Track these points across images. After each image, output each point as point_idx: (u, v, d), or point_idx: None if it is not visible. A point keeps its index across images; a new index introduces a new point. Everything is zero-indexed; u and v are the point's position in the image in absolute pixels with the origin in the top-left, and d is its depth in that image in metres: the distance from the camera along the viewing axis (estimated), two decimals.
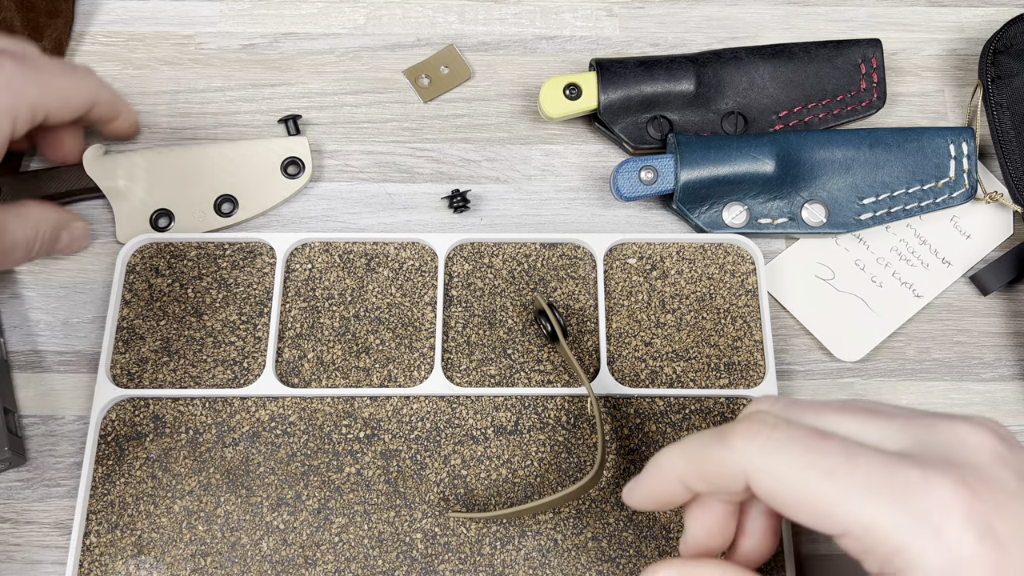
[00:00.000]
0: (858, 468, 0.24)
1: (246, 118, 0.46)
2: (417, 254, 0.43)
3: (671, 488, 0.28)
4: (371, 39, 0.48)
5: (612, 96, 0.44)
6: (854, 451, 0.24)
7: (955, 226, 0.44)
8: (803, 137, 0.43)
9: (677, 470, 0.28)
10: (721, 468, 0.26)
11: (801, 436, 0.25)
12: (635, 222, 0.45)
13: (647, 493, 0.29)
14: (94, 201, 0.44)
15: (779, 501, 0.25)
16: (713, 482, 0.27)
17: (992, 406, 0.41)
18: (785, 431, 0.25)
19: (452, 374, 0.40)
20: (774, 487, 0.25)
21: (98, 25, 0.48)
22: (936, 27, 0.49)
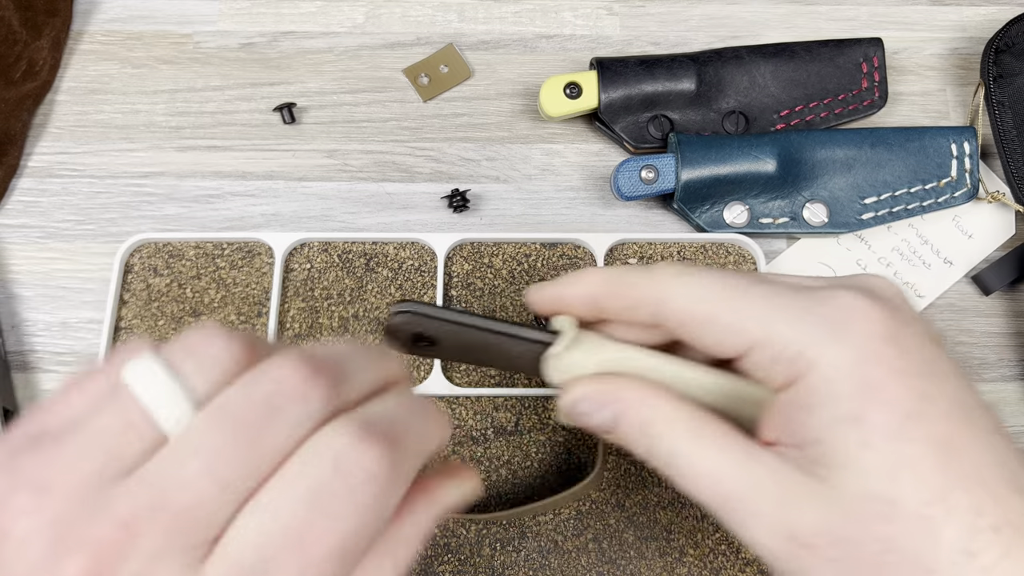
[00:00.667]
0: (768, 288, 0.25)
1: (245, 117, 0.46)
2: (416, 254, 0.42)
3: (578, 299, 0.28)
4: (370, 38, 0.48)
5: (613, 95, 0.44)
6: (765, 279, 0.26)
7: (957, 226, 0.44)
8: (804, 136, 0.43)
9: (594, 283, 0.28)
10: (637, 290, 0.27)
11: (717, 269, 0.27)
12: (636, 222, 0.44)
13: (553, 294, 0.29)
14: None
15: (689, 319, 0.26)
16: (627, 304, 0.27)
17: (994, 406, 0.41)
18: (704, 267, 0.27)
19: (452, 374, 0.40)
20: (685, 304, 0.26)
21: (96, 24, 0.48)
22: (938, 26, 0.49)
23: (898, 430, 0.22)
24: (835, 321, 0.24)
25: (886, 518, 0.22)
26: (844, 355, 0.23)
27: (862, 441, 0.23)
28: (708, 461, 0.25)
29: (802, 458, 0.24)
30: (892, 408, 0.23)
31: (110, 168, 0.45)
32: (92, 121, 0.45)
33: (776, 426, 0.25)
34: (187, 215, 0.44)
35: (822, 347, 0.23)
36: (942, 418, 0.23)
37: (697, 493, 0.25)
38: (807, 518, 0.23)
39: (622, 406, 0.27)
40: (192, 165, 0.45)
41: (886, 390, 0.23)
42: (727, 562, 0.37)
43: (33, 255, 0.43)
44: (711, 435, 0.25)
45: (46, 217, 0.43)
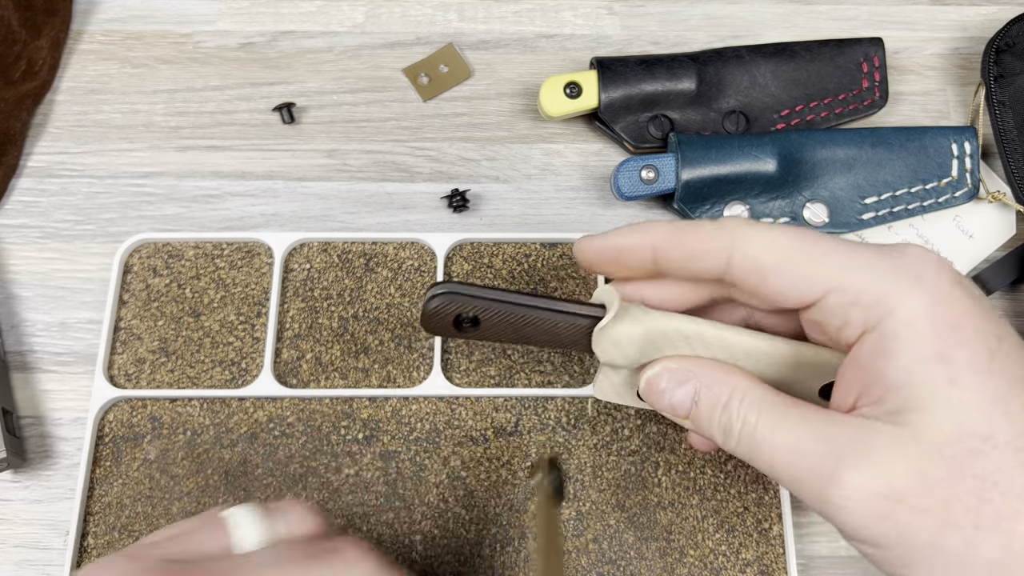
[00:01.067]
0: (838, 242, 0.25)
1: (244, 117, 0.46)
2: (416, 254, 0.42)
3: (639, 250, 0.27)
4: (370, 37, 0.48)
5: (613, 95, 0.44)
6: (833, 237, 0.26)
7: (957, 226, 0.44)
8: (805, 136, 0.43)
9: (657, 234, 0.27)
10: (707, 241, 0.26)
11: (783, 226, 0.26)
12: (636, 221, 0.44)
13: (609, 244, 0.28)
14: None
15: (761, 268, 0.25)
16: (692, 253, 0.27)
17: None
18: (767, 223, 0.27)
19: (451, 375, 0.40)
20: (760, 251, 0.25)
21: (96, 23, 0.48)
22: (938, 26, 0.49)
23: (985, 365, 0.23)
24: (910, 269, 0.24)
25: (982, 453, 0.22)
26: (923, 299, 0.23)
27: (951, 378, 0.23)
28: (788, 434, 0.24)
29: (884, 411, 0.23)
30: (976, 346, 0.23)
31: (109, 168, 0.44)
32: (91, 121, 0.45)
33: (853, 382, 0.24)
34: (186, 215, 0.44)
35: (901, 292, 0.24)
36: (1016, 356, 0.23)
37: (779, 471, 0.25)
38: (897, 469, 0.23)
39: (703, 383, 0.27)
40: (191, 165, 0.45)
41: (967, 330, 0.23)
42: (727, 563, 0.37)
43: (32, 255, 0.43)
44: (790, 408, 0.25)
45: (45, 217, 0.43)
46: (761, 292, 0.26)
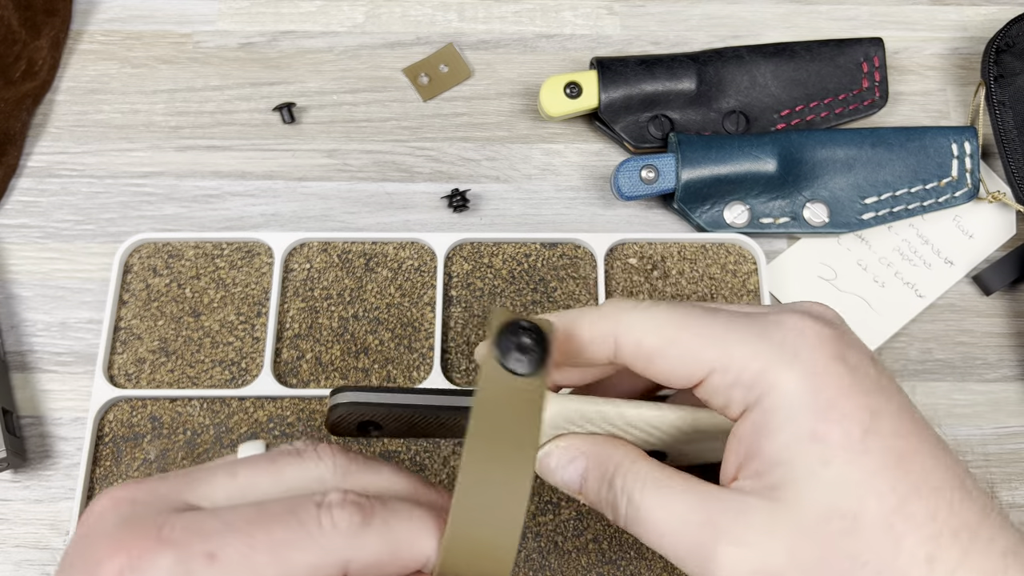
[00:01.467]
0: (719, 316, 0.25)
1: (244, 116, 0.46)
2: (416, 254, 0.42)
3: None
4: (370, 37, 0.48)
5: (613, 95, 0.44)
6: (715, 309, 0.26)
7: (958, 226, 0.44)
8: (805, 136, 0.43)
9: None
10: (593, 329, 0.27)
11: (667, 301, 0.27)
12: (636, 221, 0.44)
13: None
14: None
15: (644, 351, 0.26)
16: (582, 344, 0.27)
17: (995, 407, 0.41)
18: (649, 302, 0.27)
19: (452, 375, 0.40)
20: (641, 336, 0.26)
21: (96, 23, 0.48)
22: (938, 26, 0.49)
23: (858, 443, 0.23)
24: (788, 343, 0.24)
25: (852, 532, 0.23)
26: (800, 376, 0.24)
27: (823, 458, 0.23)
28: (670, 509, 0.25)
29: (762, 486, 0.24)
30: (849, 424, 0.23)
31: (109, 168, 0.44)
32: (91, 121, 0.45)
33: (735, 455, 0.25)
34: (186, 215, 0.44)
35: (779, 369, 0.24)
36: (892, 432, 0.23)
37: (664, 547, 0.25)
38: (773, 547, 0.23)
39: (590, 461, 0.27)
40: (191, 165, 0.45)
41: (842, 407, 0.23)
42: None
43: (32, 255, 0.43)
44: (672, 484, 0.25)
45: (45, 217, 0.43)
46: (649, 374, 0.26)
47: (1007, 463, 0.40)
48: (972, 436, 0.41)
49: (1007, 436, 0.41)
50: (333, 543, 0.23)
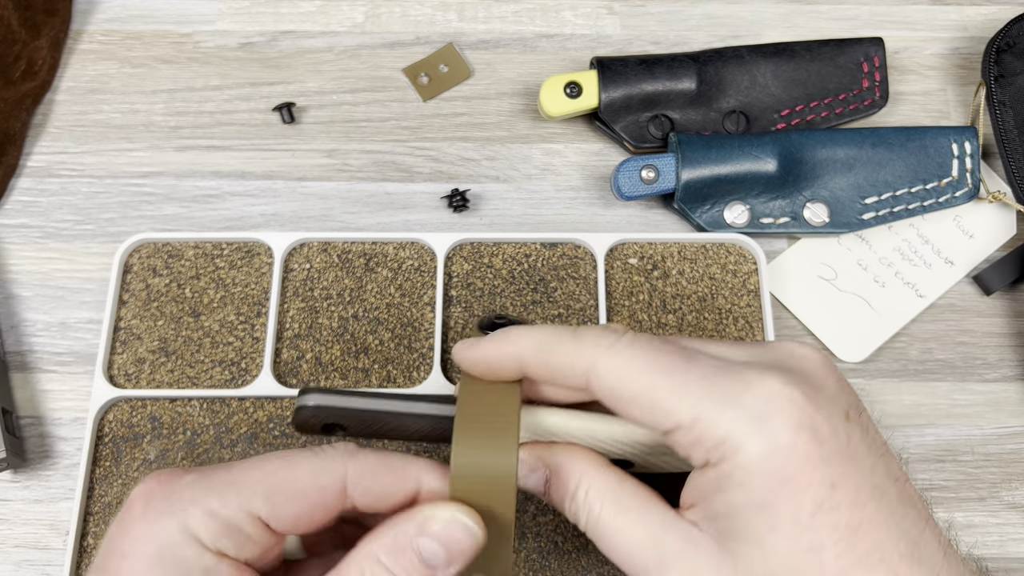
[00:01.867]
0: (694, 368, 0.25)
1: (244, 116, 0.46)
2: (416, 254, 0.42)
3: (507, 362, 0.28)
4: (370, 37, 0.48)
5: (613, 95, 0.44)
6: (693, 356, 0.26)
7: (958, 226, 0.44)
8: (805, 136, 0.43)
9: (523, 348, 0.28)
10: (568, 360, 0.27)
11: (646, 341, 0.27)
12: (636, 221, 0.44)
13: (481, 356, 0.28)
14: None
15: (616, 396, 0.26)
16: (555, 372, 0.27)
17: (995, 407, 0.41)
18: (633, 337, 0.27)
19: (452, 374, 0.40)
20: (614, 383, 0.26)
21: (96, 23, 0.48)
22: (939, 25, 0.49)
23: (806, 520, 0.24)
24: (757, 411, 0.24)
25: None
26: (762, 447, 0.24)
27: (770, 526, 0.24)
28: (626, 531, 0.26)
29: (715, 530, 0.25)
30: (802, 499, 0.24)
31: (109, 168, 0.44)
32: (91, 121, 0.45)
33: (693, 495, 0.26)
34: (186, 215, 0.44)
35: (742, 437, 0.24)
36: (849, 504, 0.24)
37: (617, 560, 0.26)
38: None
39: (552, 472, 0.28)
40: (191, 165, 0.45)
41: (798, 482, 0.24)
42: None
43: (32, 255, 0.43)
44: (631, 505, 0.26)
45: (45, 217, 0.43)
46: (619, 413, 0.27)
47: (1007, 463, 0.40)
48: (972, 436, 0.41)
49: (1007, 436, 0.41)
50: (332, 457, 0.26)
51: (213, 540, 0.24)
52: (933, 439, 0.41)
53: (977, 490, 0.40)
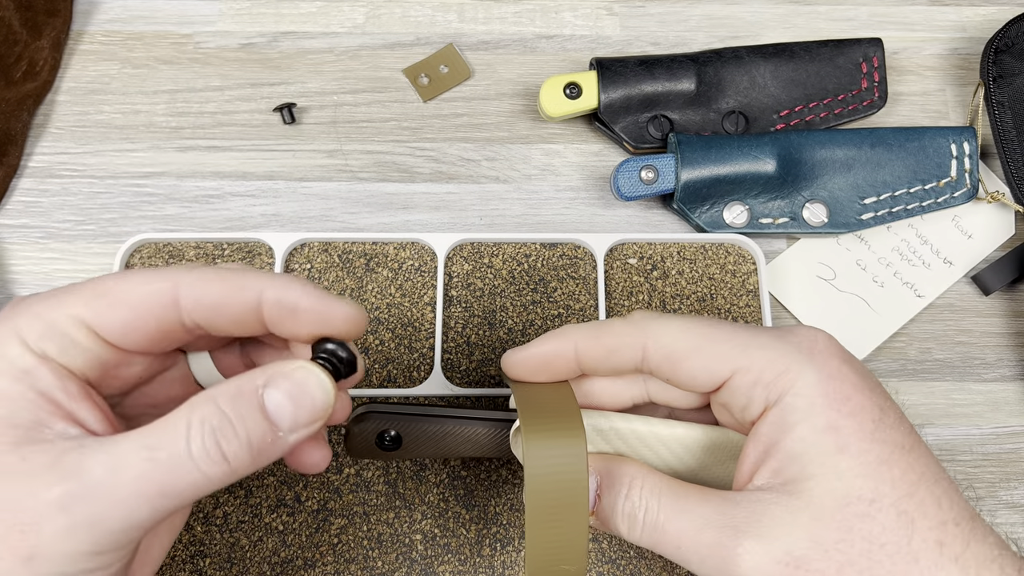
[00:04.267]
0: (740, 326, 0.28)
1: (245, 117, 0.46)
2: (416, 254, 0.42)
3: (563, 357, 0.29)
4: (370, 38, 0.48)
5: (612, 95, 0.44)
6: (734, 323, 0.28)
7: (957, 226, 0.44)
8: (804, 136, 0.43)
9: (577, 338, 0.28)
10: (622, 337, 0.28)
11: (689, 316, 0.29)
12: (636, 222, 0.44)
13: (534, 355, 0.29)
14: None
15: (675, 356, 0.27)
16: (611, 351, 0.28)
17: (994, 406, 0.41)
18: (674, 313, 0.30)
19: (452, 375, 0.40)
20: (671, 342, 0.27)
21: (97, 24, 0.48)
22: (937, 26, 0.49)
23: (870, 434, 0.25)
24: (803, 347, 0.26)
25: (869, 516, 0.24)
26: (816, 375, 0.26)
27: (839, 446, 0.25)
28: (689, 515, 0.26)
29: (780, 482, 0.25)
30: (862, 417, 0.25)
31: (110, 168, 0.45)
32: (92, 121, 0.45)
33: (753, 457, 0.26)
34: (187, 215, 0.44)
35: (797, 368, 0.26)
36: (897, 426, 0.26)
37: (684, 553, 0.26)
38: (795, 536, 0.24)
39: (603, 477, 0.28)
40: (192, 165, 0.45)
41: (854, 402, 0.25)
42: None
43: (33, 255, 0.43)
44: (688, 493, 0.27)
45: (46, 217, 0.43)
46: (675, 378, 0.28)
47: (1006, 463, 0.40)
48: (971, 436, 0.41)
49: (1006, 436, 0.41)
50: (164, 269, 0.25)
51: (36, 340, 0.23)
52: (932, 439, 0.41)
53: (976, 490, 0.40)
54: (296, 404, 0.24)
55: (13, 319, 0.24)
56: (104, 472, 0.22)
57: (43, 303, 0.24)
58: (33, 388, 0.23)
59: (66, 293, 0.25)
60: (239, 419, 0.23)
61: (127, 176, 0.44)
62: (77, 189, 0.44)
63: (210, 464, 0.23)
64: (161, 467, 0.22)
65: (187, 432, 0.22)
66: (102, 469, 0.22)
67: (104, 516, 0.22)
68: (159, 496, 0.22)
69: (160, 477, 0.22)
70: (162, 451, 0.22)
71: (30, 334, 0.24)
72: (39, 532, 0.21)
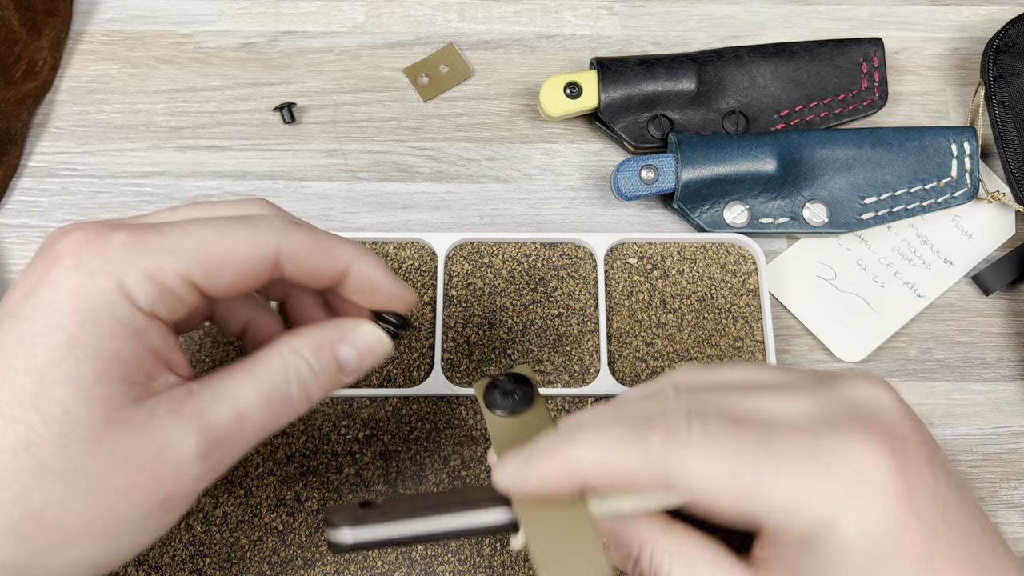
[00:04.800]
0: (775, 445, 0.24)
1: (245, 117, 0.46)
2: (416, 254, 0.42)
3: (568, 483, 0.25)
4: (370, 37, 0.48)
5: (613, 95, 0.44)
6: (770, 435, 0.25)
7: (957, 226, 0.44)
8: (804, 136, 0.43)
9: (586, 466, 0.25)
10: (640, 472, 0.25)
11: (717, 430, 0.25)
12: (636, 221, 0.44)
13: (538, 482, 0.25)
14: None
15: (701, 495, 0.25)
16: (628, 486, 0.25)
17: (994, 407, 0.41)
18: (701, 427, 0.25)
19: (452, 374, 0.40)
20: (696, 483, 0.24)
21: (96, 24, 0.48)
22: (938, 26, 0.49)
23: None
24: (850, 488, 0.23)
25: None
26: (860, 524, 0.23)
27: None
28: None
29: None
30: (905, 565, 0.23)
31: (110, 168, 0.45)
32: (92, 121, 0.45)
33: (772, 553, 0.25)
34: None
35: (838, 517, 0.23)
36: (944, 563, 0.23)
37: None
38: None
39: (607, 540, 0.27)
40: (192, 165, 0.45)
41: (897, 555, 0.23)
42: None
43: (33, 255, 0.43)
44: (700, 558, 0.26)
45: (46, 217, 0.43)
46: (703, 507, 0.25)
47: (1006, 463, 0.40)
48: (971, 436, 0.41)
49: (1006, 436, 0.41)
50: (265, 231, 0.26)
51: (149, 302, 0.24)
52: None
53: (976, 490, 0.40)
54: (361, 357, 0.28)
55: (115, 273, 0.24)
56: (232, 419, 0.25)
57: (148, 256, 0.24)
58: (146, 346, 0.24)
59: (170, 240, 0.25)
60: (321, 371, 0.27)
61: (127, 176, 0.44)
62: (77, 189, 0.44)
63: (304, 405, 0.27)
64: (275, 412, 0.26)
65: (288, 381, 0.26)
66: (229, 417, 0.25)
67: (233, 457, 0.25)
68: (269, 432, 0.26)
69: (273, 420, 0.26)
70: (275, 400, 0.26)
71: (141, 295, 0.24)
72: (176, 479, 0.24)
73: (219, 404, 0.25)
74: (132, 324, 0.24)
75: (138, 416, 0.24)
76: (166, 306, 0.25)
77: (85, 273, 0.24)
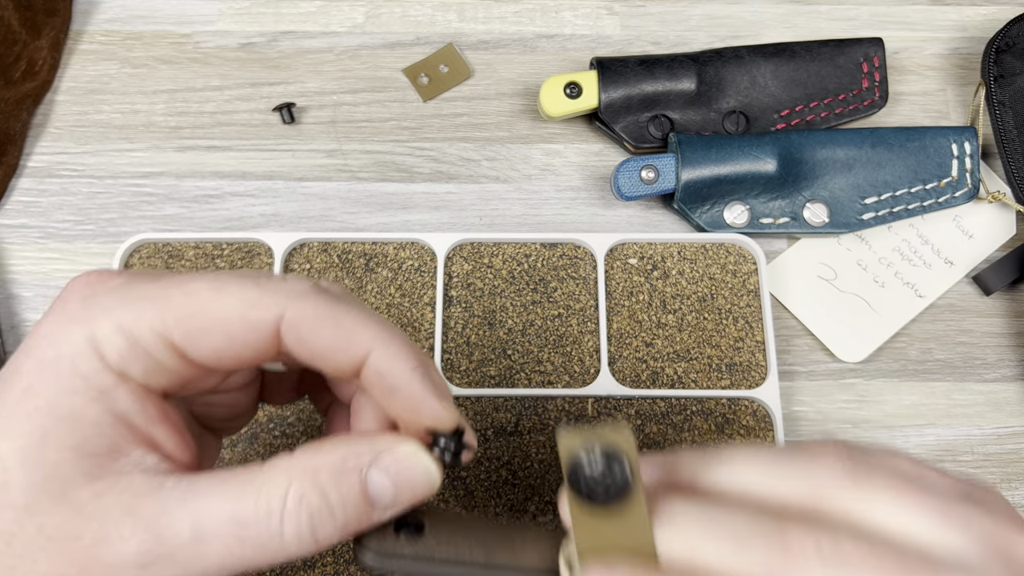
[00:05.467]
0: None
1: (244, 117, 0.46)
2: (416, 254, 0.42)
3: None
4: (370, 37, 0.48)
5: (613, 95, 0.44)
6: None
7: (957, 226, 0.44)
8: (805, 136, 0.43)
9: None
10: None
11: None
12: (636, 222, 0.44)
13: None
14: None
15: None
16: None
17: (994, 407, 0.41)
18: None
19: (452, 375, 0.40)
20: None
21: (96, 24, 0.48)
22: (938, 26, 0.49)
23: None
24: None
25: None
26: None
27: None
28: None
29: None
30: None
31: (109, 168, 0.44)
32: (91, 121, 0.45)
33: None
34: (187, 215, 0.44)
35: None
36: None
37: None
38: None
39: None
40: (191, 165, 0.45)
41: None
42: None
43: (32, 255, 0.43)
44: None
45: (45, 217, 0.43)
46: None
47: (1007, 463, 0.40)
48: (972, 436, 0.41)
49: (1007, 436, 0.41)
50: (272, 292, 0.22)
51: (117, 359, 0.21)
52: (933, 439, 0.41)
53: None
54: (398, 490, 0.22)
55: (88, 322, 0.21)
56: (189, 536, 0.20)
57: (125, 308, 0.21)
58: (110, 411, 0.21)
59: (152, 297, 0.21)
60: (339, 503, 0.21)
61: (126, 176, 0.44)
62: (76, 189, 0.44)
63: (300, 546, 0.21)
64: (248, 546, 0.20)
65: (282, 510, 0.21)
66: (187, 532, 0.20)
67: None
68: (244, 567, 0.21)
69: (247, 554, 0.20)
70: (251, 529, 0.20)
71: (110, 350, 0.21)
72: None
73: (181, 512, 0.20)
74: (95, 382, 0.21)
75: (80, 495, 0.20)
76: (140, 367, 0.21)
77: (63, 319, 0.21)
